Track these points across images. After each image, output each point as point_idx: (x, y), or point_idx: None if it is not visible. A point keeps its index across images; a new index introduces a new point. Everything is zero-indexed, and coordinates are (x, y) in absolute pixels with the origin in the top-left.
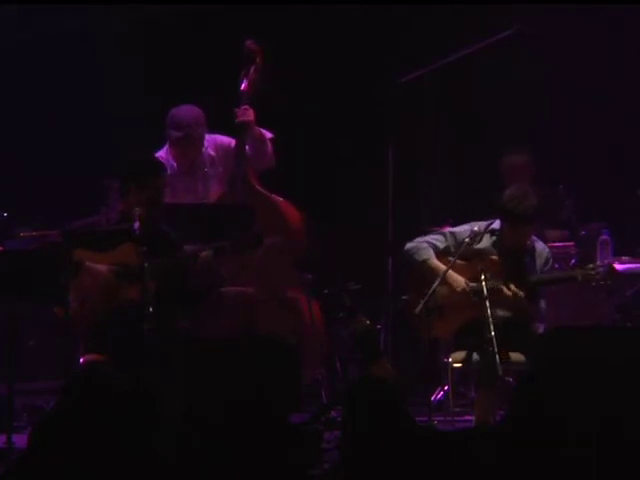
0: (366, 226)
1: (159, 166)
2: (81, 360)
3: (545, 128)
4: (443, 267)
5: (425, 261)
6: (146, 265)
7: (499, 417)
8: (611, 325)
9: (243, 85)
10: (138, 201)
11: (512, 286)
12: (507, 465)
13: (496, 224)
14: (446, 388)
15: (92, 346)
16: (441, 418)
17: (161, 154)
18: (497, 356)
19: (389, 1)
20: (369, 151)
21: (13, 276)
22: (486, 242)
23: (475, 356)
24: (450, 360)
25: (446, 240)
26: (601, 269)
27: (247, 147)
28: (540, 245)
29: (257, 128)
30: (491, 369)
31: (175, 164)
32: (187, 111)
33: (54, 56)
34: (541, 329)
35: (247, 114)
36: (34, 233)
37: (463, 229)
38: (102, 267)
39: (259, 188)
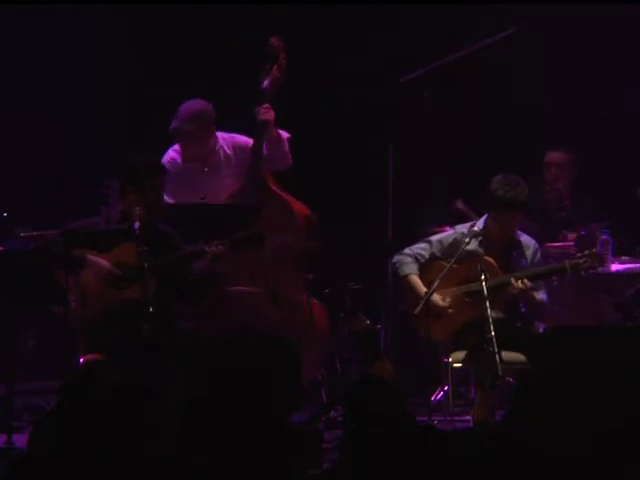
0: (366, 226)
1: (157, 167)
2: (81, 360)
3: (545, 128)
4: (422, 287)
5: (405, 277)
6: (146, 265)
7: (499, 417)
8: (611, 325)
9: (265, 83)
10: (136, 202)
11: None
12: (507, 465)
13: (479, 224)
14: (446, 388)
15: (92, 346)
16: (441, 418)
17: (177, 146)
18: (497, 356)
19: (390, 1)
20: (369, 151)
21: (13, 276)
22: (473, 244)
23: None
24: (450, 360)
25: (432, 247)
26: (588, 257)
27: (264, 146)
28: (526, 238)
29: (275, 128)
30: (491, 369)
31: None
32: (189, 105)
33: (54, 56)
34: (541, 329)
35: (268, 113)
36: (34, 233)
37: (448, 234)
38: (104, 261)
39: (274, 187)
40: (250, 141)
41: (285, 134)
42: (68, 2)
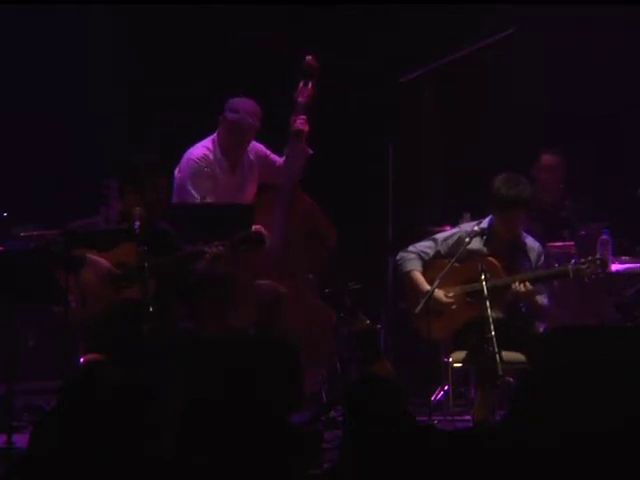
0: (366, 226)
1: (157, 167)
2: (81, 360)
3: (545, 128)
4: (425, 284)
5: (408, 273)
6: (146, 265)
7: (499, 417)
8: (612, 325)
9: (301, 97)
10: (136, 201)
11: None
12: (507, 465)
13: (484, 223)
14: (446, 388)
15: (92, 346)
16: (441, 418)
17: (207, 144)
18: (497, 356)
19: (390, 1)
20: (369, 151)
21: (13, 276)
22: (477, 243)
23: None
24: (450, 360)
25: (436, 245)
26: (592, 263)
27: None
28: (530, 240)
29: (305, 142)
30: (491, 369)
31: (220, 155)
32: (247, 101)
33: (54, 56)
34: (541, 329)
35: (305, 125)
36: (34, 233)
37: (452, 232)
38: (104, 260)
39: (306, 197)
40: (267, 151)
41: (309, 151)
42: (68, 2)
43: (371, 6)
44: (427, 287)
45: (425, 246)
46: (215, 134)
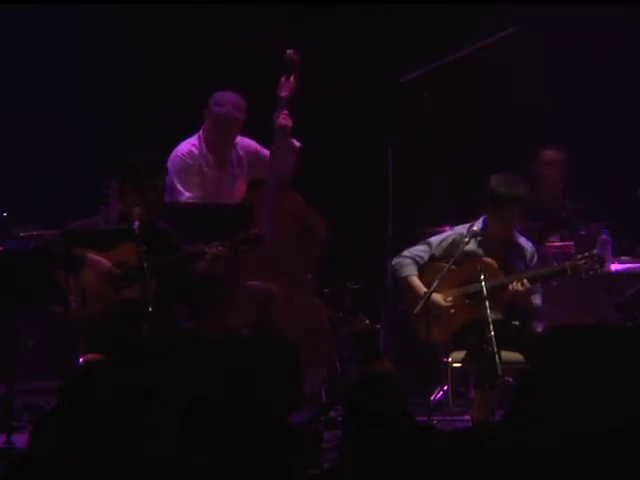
0: (366, 226)
1: (157, 167)
2: (81, 360)
3: (545, 128)
4: (422, 287)
5: (406, 278)
6: (146, 265)
7: (499, 417)
8: (611, 325)
9: (284, 92)
10: (136, 202)
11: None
12: (506, 465)
13: (478, 224)
14: (446, 388)
15: (92, 346)
16: (441, 418)
17: (193, 141)
18: (496, 356)
19: (390, 1)
20: (369, 151)
21: (13, 276)
22: (472, 244)
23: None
24: (450, 360)
25: (431, 249)
26: (589, 259)
27: (274, 153)
28: (523, 240)
29: (290, 137)
30: (490, 369)
31: (206, 150)
32: (234, 96)
33: (54, 56)
34: (540, 328)
35: (287, 120)
36: (34, 233)
37: (447, 235)
38: (105, 260)
39: (297, 196)
40: (258, 147)
41: (297, 143)
42: (68, 2)
43: (371, 6)
44: (425, 290)
45: (419, 250)
46: (201, 131)
